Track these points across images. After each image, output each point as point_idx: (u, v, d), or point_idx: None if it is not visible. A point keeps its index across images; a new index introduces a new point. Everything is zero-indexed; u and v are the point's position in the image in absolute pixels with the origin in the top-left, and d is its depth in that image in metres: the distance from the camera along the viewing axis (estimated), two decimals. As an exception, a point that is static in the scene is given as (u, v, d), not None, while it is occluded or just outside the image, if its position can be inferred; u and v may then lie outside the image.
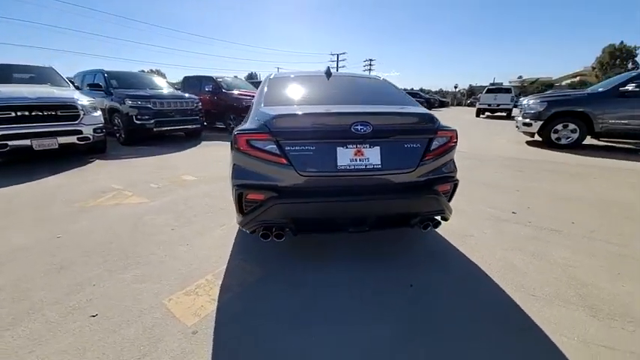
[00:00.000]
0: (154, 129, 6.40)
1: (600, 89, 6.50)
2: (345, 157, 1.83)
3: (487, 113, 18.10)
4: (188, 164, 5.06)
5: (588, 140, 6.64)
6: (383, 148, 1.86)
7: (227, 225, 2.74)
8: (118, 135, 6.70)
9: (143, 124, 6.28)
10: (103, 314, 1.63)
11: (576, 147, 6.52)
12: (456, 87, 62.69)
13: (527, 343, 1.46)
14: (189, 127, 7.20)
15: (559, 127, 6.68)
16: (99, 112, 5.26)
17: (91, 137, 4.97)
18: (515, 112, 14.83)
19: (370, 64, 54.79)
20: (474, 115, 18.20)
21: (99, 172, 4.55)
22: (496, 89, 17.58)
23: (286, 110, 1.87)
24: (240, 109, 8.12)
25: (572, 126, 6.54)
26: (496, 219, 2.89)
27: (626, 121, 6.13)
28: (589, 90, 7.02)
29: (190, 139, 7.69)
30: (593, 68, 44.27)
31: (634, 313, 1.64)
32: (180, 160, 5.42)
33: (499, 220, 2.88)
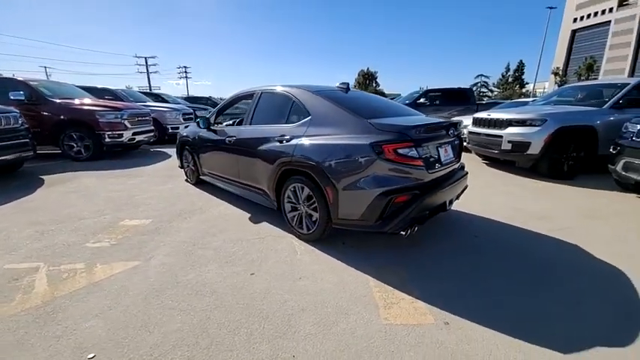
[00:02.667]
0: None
1: (407, 101, 9.98)
2: (442, 154, 2.42)
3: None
4: (93, 209, 3.45)
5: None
6: (451, 146, 2.60)
7: (297, 249, 2.51)
8: None
9: None
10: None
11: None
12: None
13: (547, 239, 2.69)
14: (11, 156, 4.55)
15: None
16: None
17: None
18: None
19: (185, 72, 50.28)
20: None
21: None
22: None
23: (414, 121, 2.18)
24: (92, 125, 5.92)
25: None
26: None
27: (420, 121, 9.82)
28: (400, 101, 10.53)
29: (6, 175, 4.82)
30: (355, 86, 62.41)
31: (550, 216, 3.30)
32: (61, 208, 3.53)
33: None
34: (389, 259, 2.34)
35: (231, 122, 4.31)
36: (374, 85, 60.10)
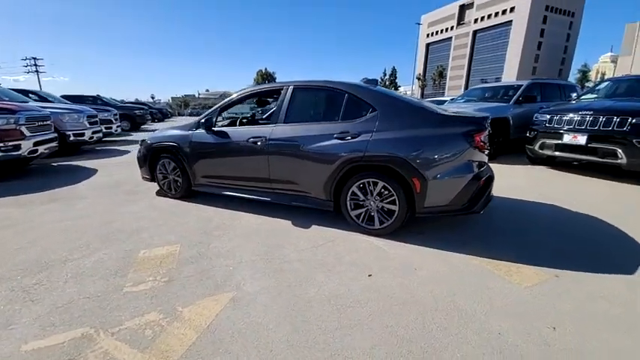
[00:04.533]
0: None
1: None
2: (483, 139, 2.85)
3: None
4: (69, 246, 2.48)
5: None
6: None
7: (380, 245, 2.51)
8: None
9: None
10: None
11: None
12: (153, 97, 60.47)
13: (534, 204, 3.50)
14: None
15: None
16: None
17: None
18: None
19: (36, 65, 37.93)
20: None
21: None
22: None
23: (478, 113, 2.47)
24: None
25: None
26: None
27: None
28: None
29: None
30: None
31: (517, 187, 4.24)
32: (6, 254, 2.39)
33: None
34: (463, 239, 2.59)
35: (226, 122, 3.79)
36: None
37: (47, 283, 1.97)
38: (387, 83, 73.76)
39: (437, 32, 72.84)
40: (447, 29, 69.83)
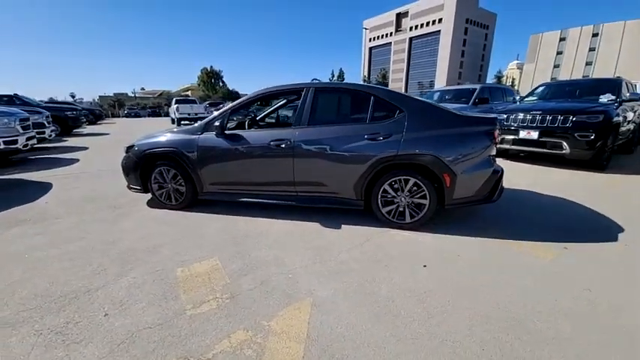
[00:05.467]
0: None
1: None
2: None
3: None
4: (82, 272, 2.12)
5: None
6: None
7: (414, 238, 2.67)
8: None
9: None
10: None
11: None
12: (73, 96, 52.49)
13: (515, 191, 4.05)
14: None
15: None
16: None
17: None
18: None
19: None
20: (172, 123, 18.20)
21: None
22: (190, 100, 18.72)
23: (495, 112, 2.76)
24: None
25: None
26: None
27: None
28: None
29: None
30: (199, 84, 57.56)
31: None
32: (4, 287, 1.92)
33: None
34: (477, 225, 2.89)
35: (232, 125, 3.58)
36: (221, 84, 57.81)
37: (82, 320, 1.68)
38: (333, 85, 75.93)
39: (378, 37, 77.39)
40: (386, 35, 74.68)
